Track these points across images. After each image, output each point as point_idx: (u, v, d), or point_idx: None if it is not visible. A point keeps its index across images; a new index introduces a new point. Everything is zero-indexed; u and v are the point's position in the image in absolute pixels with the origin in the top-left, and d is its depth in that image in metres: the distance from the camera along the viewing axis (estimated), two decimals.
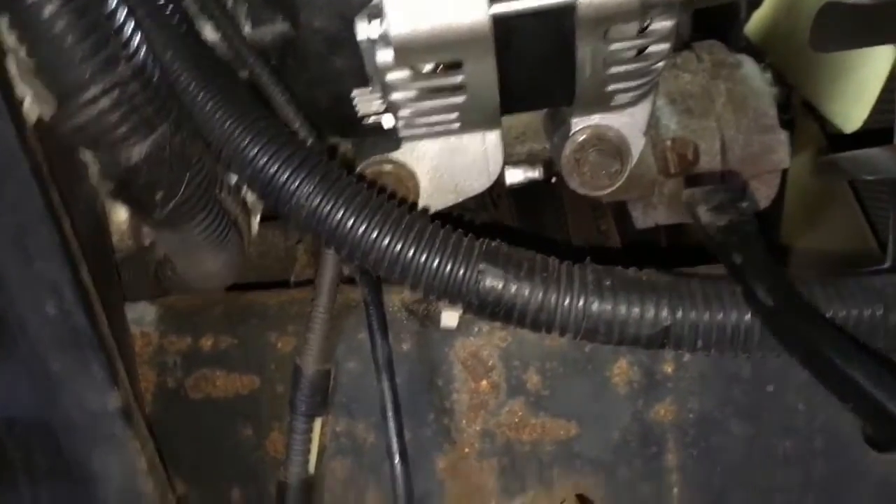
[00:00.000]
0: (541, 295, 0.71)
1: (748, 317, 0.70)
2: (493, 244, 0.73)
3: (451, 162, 0.93)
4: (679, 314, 0.70)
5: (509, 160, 1.09)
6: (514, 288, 0.71)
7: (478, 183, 0.95)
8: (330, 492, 0.81)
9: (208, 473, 0.84)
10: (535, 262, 0.73)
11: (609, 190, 0.96)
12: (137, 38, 0.65)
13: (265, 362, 0.83)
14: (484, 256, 0.71)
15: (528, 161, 1.10)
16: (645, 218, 1.21)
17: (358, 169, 0.93)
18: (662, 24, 0.81)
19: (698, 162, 1.14)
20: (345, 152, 0.99)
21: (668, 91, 1.16)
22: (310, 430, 0.78)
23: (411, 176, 0.93)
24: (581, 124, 0.93)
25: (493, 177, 0.95)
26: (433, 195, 0.94)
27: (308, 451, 0.78)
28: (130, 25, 0.65)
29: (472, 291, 0.71)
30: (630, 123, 0.94)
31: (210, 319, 0.84)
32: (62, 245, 0.61)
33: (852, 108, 1.18)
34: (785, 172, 1.20)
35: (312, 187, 0.71)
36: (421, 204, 0.94)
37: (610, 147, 0.93)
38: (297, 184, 0.71)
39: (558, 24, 0.78)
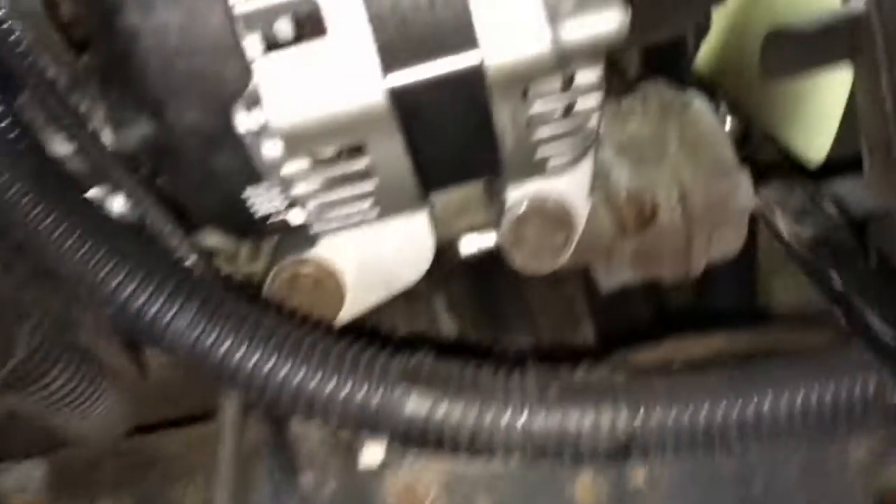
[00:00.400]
0: (475, 414, 0.59)
1: (727, 408, 0.59)
2: (415, 360, 0.62)
3: (377, 252, 0.82)
4: (642, 418, 0.58)
5: (451, 237, 0.97)
6: (442, 410, 0.59)
7: (410, 271, 0.84)
8: None
9: None
10: (465, 375, 0.61)
11: (555, 265, 0.84)
12: None
13: None
14: (404, 376, 0.60)
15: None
16: (609, 280, 1.09)
17: (272, 274, 0.81)
18: (588, 76, 0.70)
19: (657, 215, 1.02)
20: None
21: (614, 140, 1.05)
22: None
23: (333, 275, 0.82)
24: (516, 195, 0.82)
25: (427, 262, 0.84)
26: (361, 292, 0.83)
27: None
28: None
29: (392, 419, 0.59)
30: (571, 188, 0.83)
31: (105, 476, 0.72)
32: None
33: (814, 138, 1.07)
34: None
35: (189, 317, 0.59)
36: (348, 303, 0.83)
37: (551, 218, 0.82)
38: (170, 315, 0.59)
39: (468, 91, 0.67)
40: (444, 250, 1.01)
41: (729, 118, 1.30)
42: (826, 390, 0.59)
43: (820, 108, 1.07)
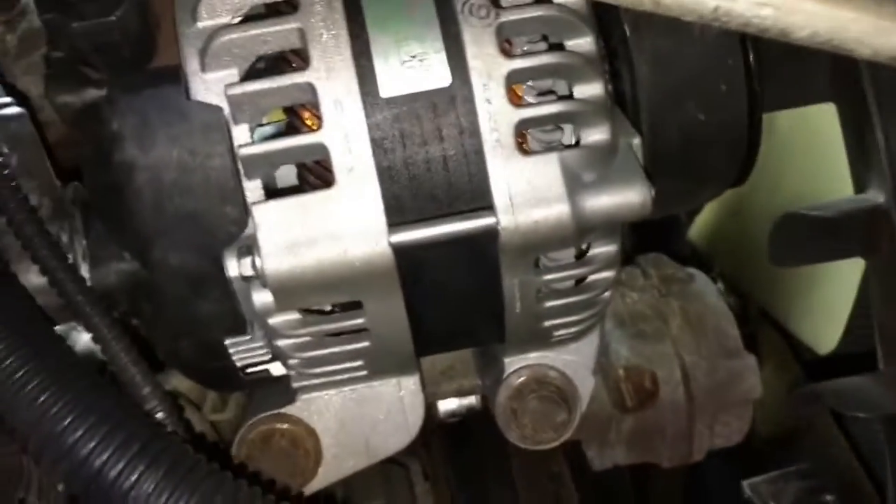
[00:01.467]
0: None
1: None
2: None
3: (360, 416, 0.77)
4: None
5: (435, 399, 0.92)
6: None
7: (394, 439, 0.78)
8: None
9: None
10: None
11: (556, 443, 0.78)
12: None
13: None
14: None
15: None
16: (602, 459, 1.03)
17: (242, 430, 0.75)
18: (604, 250, 0.66)
19: (658, 393, 0.97)
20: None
21: (615, 312, 1.01)
22: None
23: (310, 435, 0.76)
24: (516, 364, 0.77)
25: (413, 431, 0.78)
26: (339, 457, 0.77)
27: None
28: None
29: None
30: (576, 362, 0.78)
31: None
32: None
33: (823, 327, 1.04)
34: None
35: (154, 483, 0.53)
36: (323, 468, 0.76)
37: (553, 392, 0.77)
38: (133, 478, 0.53)
39: (478, 254, 0.63)
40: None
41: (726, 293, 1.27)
42: None
43: (830, 296, 1.04)
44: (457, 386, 0.91)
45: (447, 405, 0.92)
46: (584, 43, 0.63)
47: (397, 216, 0.61)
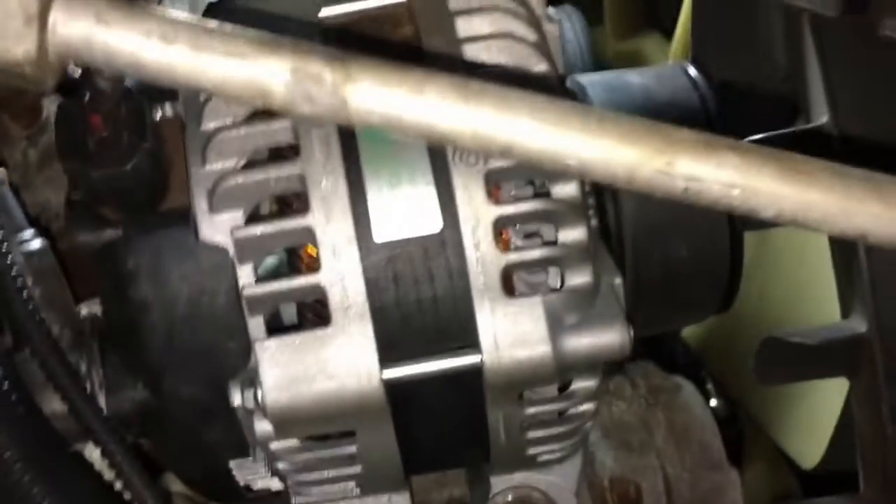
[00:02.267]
0: None
1: None
2: None
3: None
4: None
5: None
6: None
7: None
8: None
9: None
10: None
11: None
12: None
13: None
14: None
15: None
16: None
17: None
18: (585, 384, 0.71)
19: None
20: None
21: (601, 422, 1.04)
22: None
23: None
24: (502, 484, 0.81)
25: None
26: None
27: None
28: None
29: None
30: (559, 484, 0.82)
31: None
32: None
33: (806, 442, 1.08)
34: None
35: None
36: None
37: None
38: None
39: (465, 388, 0.68)
40: None
41: (714, 399, 1.31)
42: None
43: (815, 413, 1.07)
44: (448, 495, 0.94)
45: None
46: (568, 188, 0.68)
47: (389, 354, 0.65)
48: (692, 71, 0.82)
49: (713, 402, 1.30)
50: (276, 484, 0.77)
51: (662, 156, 0.50)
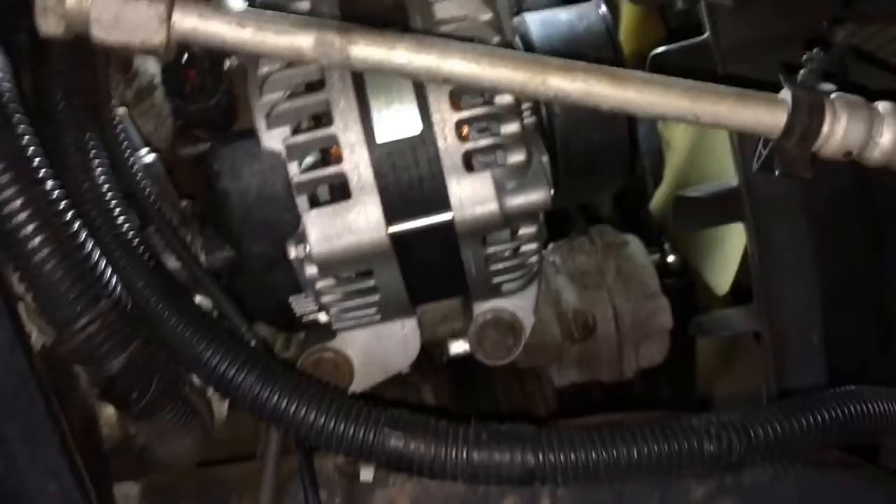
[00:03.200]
0: (433, 450, 0.90)
1: (596, 454, 0.90)
2: (396, 412, 0.94)
3: (378, 346, 1.14)
4: (540, 457, 0.90)
5: (436, 339, 1.30)
6: (412, 446, 0.91)
7: (401, 361, 1.15)
8: None
9: None
10: (428, 424, 0.93)
11: (508, 360, 1.16)
12: (114, 279, 0.88)
13: None
14: (387, 422, 0.92)
15: (452, 337, 1.30)
16: (560, 378, 1.42)
17: (302, 357, 1.14)
18: (528, 229, 1.04)
19: (596, 328, 1.35)
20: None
21: (567, 270, 1.39)
22: None
23: (346, 359, 1.14)
24: (480, 309, 1.15)
25: (413, 355, 1.15)
26: (365, 374, 1.14)
27: None
28: (108, 269, 0.88)
29: (379, 451, 0.91)
30: (521, 306, 1.15)
31: (183, 492, 1.04)
32: (60, 440, 0.81)
33: (720, 276, 1.41)
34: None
35: (252, 379, 0.91)
36: (355, 381, 1.15)
37: (505, 326, 1.14)
38: (240, 378, 0.91)
39: (443, 237, 1.00)
40: (433, 351, 1.35)
41: (671, 255, 1.64)
42: (666, 445, 0.90)
43: (726, 255, 1.40)
44: (451, 327, 1.29)
45: (455, 349, 1.30)
46: (506, 98, 0.99)
47: (392, 215, 0.98)
48: (602, 8, 1.13)
49: (671, 258, 1.62)
50: (322, 317, 1.12)
51: (539, 76, 0.82)
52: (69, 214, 0.85)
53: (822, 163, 1.15)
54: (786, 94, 0.84)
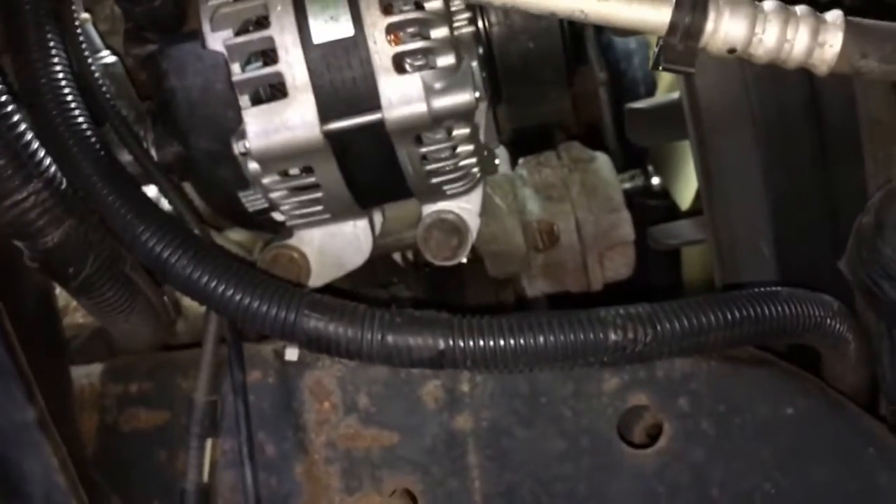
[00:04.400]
0: (350, 332, 0.97)
1: (504, 341, 0.95)
2: (317, 296, 1.00)
3: (332, 244, 1.20)
4: (450, 342, 0.96)
5: (401, 244, 1.36)
6: (330, 328, 0.97)
7: (355, 258, 1.22)
8: (221, 496, 1.07)
9: (136, 488, 1.11)
10: (347, 307, 0.99)
11: (455, 259, 1.22)
12: (47, 161, 0.96)
13: (174, 400, 1.10)
14: (308, 305, 0.98)
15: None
16: (531, 289, 1.47)
17: (261, 255, 1.21)
18: (462, 130, 1.09)
19: (559, 238, 1.40)
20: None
21: (533, 182, 1.44)
22: (203, 448, 1.04)
23: (303, 256, 1.20)
24: (428, 210, 1.20)
25: (366, 253, 1.22)
26: (321, 271, 1.21)
27: (202, 464, 1.04)
28: (42, 153, 0.96)
29: (300, 331, 0.98)
30: (466, 208, 1.20)
31: (137, 372, 1.13)
32: None
33: (683, 191, 1.44)
34: None
35: (185, 261, 0.99)
36: (312, 277, 1.21)
37: (450, 227, 1.20)
38: (173, 259, 0.99)
39: (376, 135, 1.06)
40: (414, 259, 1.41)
41: (656, 177, 1.66)
42: (572, 334, 0.95)
43: (689, 172, 1.43)
44: (412, 233, 1.34)
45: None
46: (435, 4, 1.04)
47: (326, 114, 1.04)
48: None
49: (655, 180, 1.65)
50: (277, 216, 1.19)
51: None
52: (4, 100, 0.93)
53: (772, 76, 1.17)
54: None
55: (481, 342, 0.97)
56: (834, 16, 0.89)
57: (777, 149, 1.19)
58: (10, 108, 0.94)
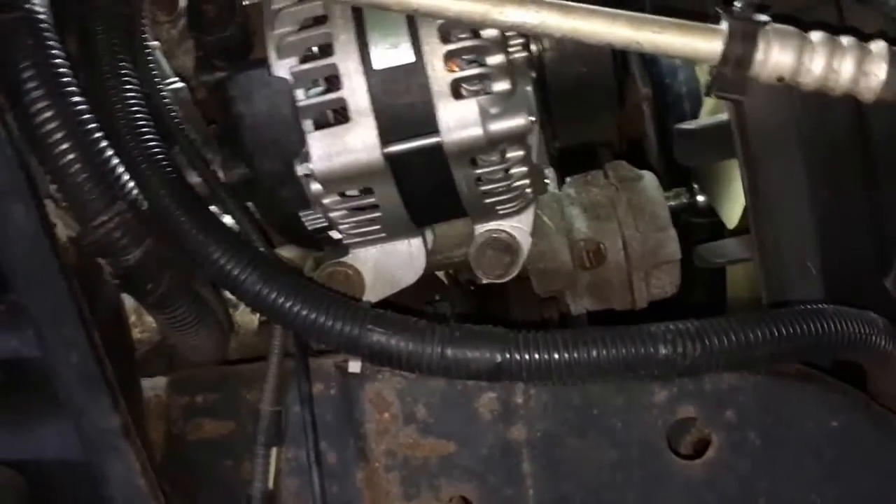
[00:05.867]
0: (411, 346, 1.07)
1: (558, 355, 1.05)
2: (381, 312, 1.10)
3: (386, 262, 1.30)
4: (507, 355, 1.06)
5: (451, 262, 1.46)
6: (392, 341, 1.07)
7: (408, 276, 1.31)
8: (284, 503, 1.18)
9: (202, 496, 1.21)
10: (408, 322, 1.09)
11: (506, 277, 1.31)
12: (131, 184, 1.08)
13: (239, 410, 1.21)
14: (371, 320, 1.09)
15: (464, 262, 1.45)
16: (576, 307, 1.56)
17: (317, 271, 1.31)
18: (515, 152, 1.19)
19: (607, 256, 1.49)
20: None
21: (580, 202, 1.53)
22: (268, 457, 1.15)
23: (358, 274, 1.30)
24: (481, 229, 1.30)
25: (420, 271, 1.31)
26: (375, 288, 1.30)
27: (267, 472, 1.15)
28: (126, 176, 1.08)
29: (364, 345, 1.08)
30: (518, 227, 1.30)
31: (202, 384, 1.24)
32: (80, 317, 1.01)
33: (730, 210, 1.53)
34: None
35: (255, 278, 1.09)
36: (366, 294, 1.32)
37: (502, 246, 1.29)
38: (244, 276, 1.10)
39: (434, 158, 1.16)
40: (456, 277, 1.51)
41: (700, 196, 1.75)
42: (624, 348, 1.05)
43: (735, 190, 1.52)
44: (465, 251, 1.44)
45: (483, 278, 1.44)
46: (491, 33, 1.14)
47: (386, 137, 1.14)
48: None
49: (700, 198, 1.74)
50: (335, 235, 1.29)
51: (497, 8, 0.97)
52: (94, 127, 1.05)
53: (819, 98, 1.27)
54: (723, 24, 0.96)
55: (537, 356, 1.06)
56: (879, 47, 0.98)
57: (824, 169, 1.26)
58: (97, 133, 1.05)
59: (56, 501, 1.09)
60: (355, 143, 1.14)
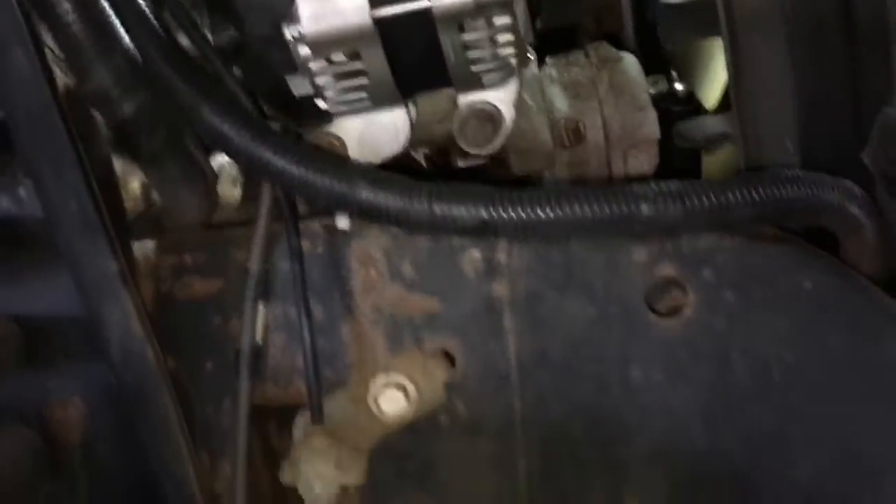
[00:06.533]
0: (399, 202, 1.13)
1: (542, 212, 1.12)
2: (369, 168, 1.16)
3: (370, 132, 1.35)
4: (493, 212, 1.12)
5: (433, 138, 1.51)
6: (380, 198, 1.13)
7: (392, 147, 1.35)
8: (271, 357, 1.25)
9: (189, 352, 1.28)
10: (396, 179, 1.15)
11: (490, 148, 1.37)
12: (126, 40, 1.12)
13: (228, 269, 1.28)
14: (360, 176, 1.15)
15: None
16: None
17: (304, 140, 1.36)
18: (502, 20, 1.24)
19: (586, 135, 1.55)
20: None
21: (561, 81, 1.58)
22: (256, 312, 1.22)
23: (341, 143, 1.36)
24: (464, 100, 1.36)
25: (403, 143, 1.36)
26: (359, 157, 1.36)
27: (255, 326, 1.21)
28: (122, 33, 1.12)
29: (353, 201, 1.14)
30: (501, 98, 1.35)
31: (191, 244, 1.29)
32: (80, 165, 1.06)
33: (709, 91, 1.59)
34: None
35: (246, 136, 1.15)
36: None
37: (485, 115, 1.35)
38: (234, 133, 1.15)
39: (423, 22, 1.20)
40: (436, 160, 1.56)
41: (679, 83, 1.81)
42: (607, 206, 1.12)
43: (714, 70, 1.58)
44: (445, 127, 1.49)
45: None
46: None
47: (376, 1, 1.19)
48: None
49: (679, 86, 1.80)
50: (321, 104, 1.34)
51: None
52: None
53: None
54: None
55: (521, 212, 1.13)
56: None
57: (807, 46, 1.30)
58: None
59: (52, 353, 1.15)
60: (345, 6, 1.18)
